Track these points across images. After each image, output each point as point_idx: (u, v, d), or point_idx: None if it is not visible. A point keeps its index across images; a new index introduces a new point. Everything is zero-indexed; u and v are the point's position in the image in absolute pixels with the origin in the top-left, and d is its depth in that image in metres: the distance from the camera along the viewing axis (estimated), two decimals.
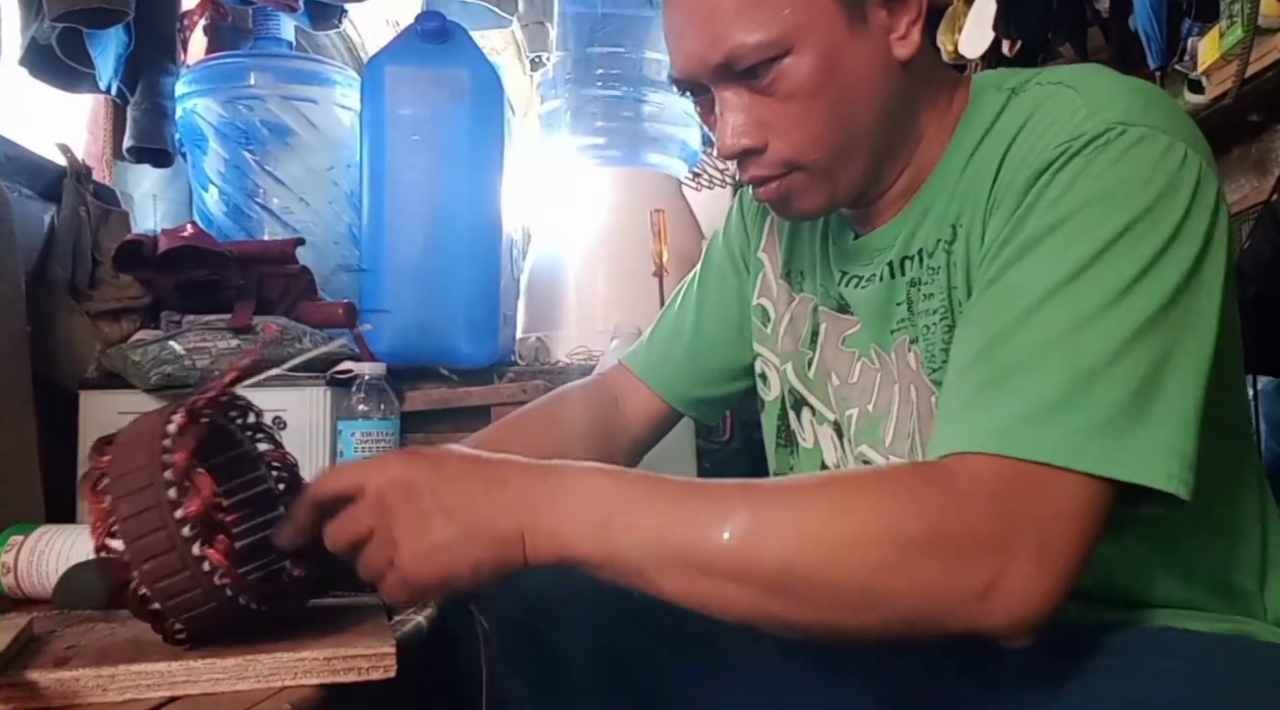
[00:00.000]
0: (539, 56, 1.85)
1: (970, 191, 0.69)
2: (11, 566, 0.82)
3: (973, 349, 0.59)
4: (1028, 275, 0.59)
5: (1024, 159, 0.64)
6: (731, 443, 1.90)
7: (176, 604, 0.56)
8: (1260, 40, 1.57)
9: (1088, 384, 0.54)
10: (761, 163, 0.71)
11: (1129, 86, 0.65)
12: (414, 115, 1.57)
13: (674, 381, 0.96)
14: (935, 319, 0.71)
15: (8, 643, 0.57)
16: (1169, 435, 0.54)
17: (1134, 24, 1.82)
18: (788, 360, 0.86)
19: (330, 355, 1.20)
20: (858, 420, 0.77)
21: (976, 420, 0.56)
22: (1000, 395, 0.56)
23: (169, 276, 1.26)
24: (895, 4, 0.69)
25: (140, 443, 0.58)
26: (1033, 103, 0.67)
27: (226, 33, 1.78)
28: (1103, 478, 0.53)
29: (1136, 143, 0.60)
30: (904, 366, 0.73)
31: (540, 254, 1.93)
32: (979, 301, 0.62)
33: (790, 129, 0.69)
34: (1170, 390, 0.55)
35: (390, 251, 1.57)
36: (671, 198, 1.94)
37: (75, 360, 1.22)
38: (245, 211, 1.64)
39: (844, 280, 0.80)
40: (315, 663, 0.57)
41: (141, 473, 0.56)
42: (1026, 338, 0.57)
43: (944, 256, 0.70)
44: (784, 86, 0.68)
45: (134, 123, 1.50)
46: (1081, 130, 0.61)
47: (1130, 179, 0.59)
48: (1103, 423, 0.54)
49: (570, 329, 1.81)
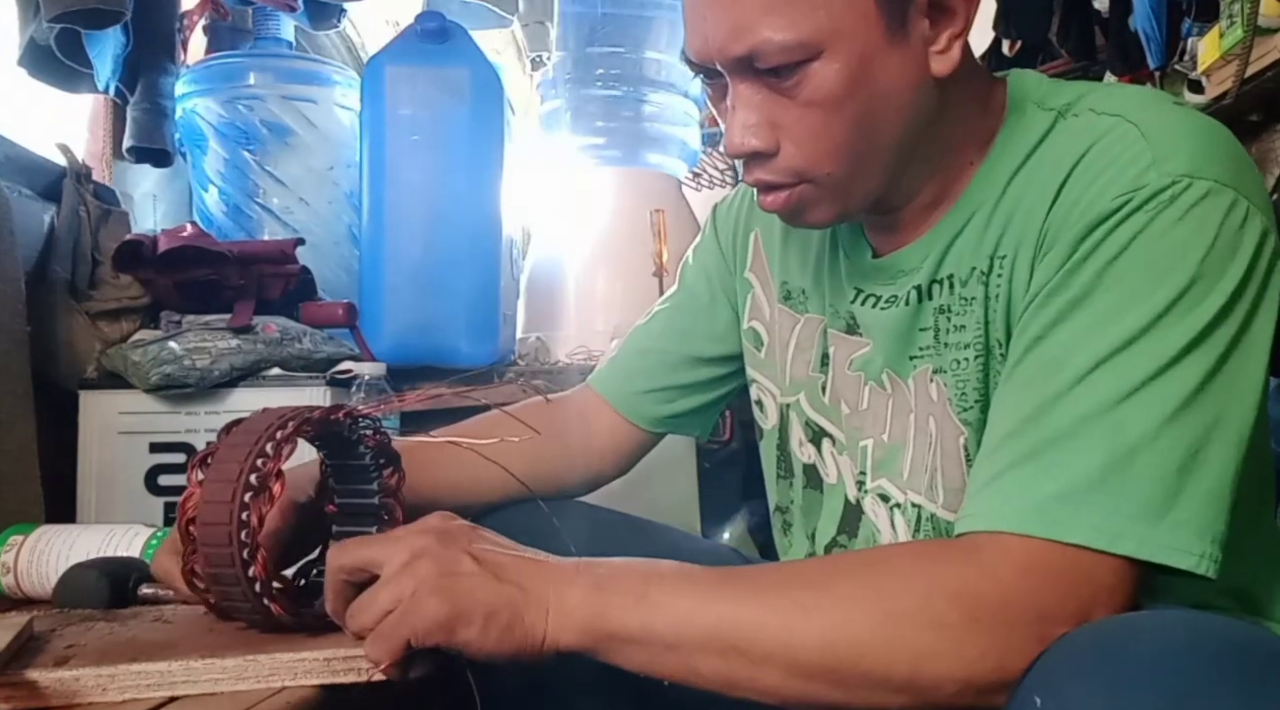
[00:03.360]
0: (539, 56, 1.85)
1: (1014, 221, 0.65)
2: (11, 566, 0.82)
3: (1012, 419, 0.58)
4: (1075, 339, 0.57)
5: (1079, 201, 0.60)
6: (731, 443, 1.90)
7: (227, 606, 0.62)
8: (1260, 40, 1.57)
9: (1128, 462, 0.53)
10: (769, 167, 0.65)
11: (1194, 130, 0.60)
12: (414, 115, 1.57)
13: (637, 402, 0.91)
14: (968, 354, 0.67)
15: (8, 642, 0.56)
16: (1205, 515, 0.53)
17: (1134, 24, 1.82)
18: (800, 389, 0.81)
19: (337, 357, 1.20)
20: (874, 451, 0.74)
21: (1010, 499, 0.55)
22: (1036, 471, 0.55)
23: (169, 276, 1.26)
24: (941, 15, 0.63)
25: (244, 439, 0.61)
26: (1090, 135, 0.62)
27: (226, 33, 1.78)
28: (1138, 561, 0.53)
29: (1200, 200, 0.57)
30: (924, 397, 0.70)
31: (540, 254, 1.93)
32: (1023, 363, 0.60)
33: (807, 137, 0.63)
34: (1211, 464, 0.54)
35: (390, 251, 1.56)
36: (671, 198, 1.94)
37: (75, 360, 1.21)
38: (245, 211, 1.64)
39: (859, 299, 0.74)
40: (315, 663, 0.57)
41: (232, 466, 0.60)
42: (1068, 410, 0.55)
43: (980, 289, 0.66)
44: (807, 91, 0.62)
45: (134, 123, 1.50)
46: (1144, 181, 0.58)
47: (1190, 243, 0.56)
48: (1141, 504, 0.53)
49: (570, 329, 1.81)
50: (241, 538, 0.59)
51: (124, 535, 0.83)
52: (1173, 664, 0.45)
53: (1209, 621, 0.50)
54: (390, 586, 0.55)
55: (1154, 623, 0.49)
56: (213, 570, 0.60)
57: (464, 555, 0.55)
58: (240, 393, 1.21)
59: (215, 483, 0.60)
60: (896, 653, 0.52)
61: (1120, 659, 0.46)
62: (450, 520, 0.58)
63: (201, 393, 1.18)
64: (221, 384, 1.19)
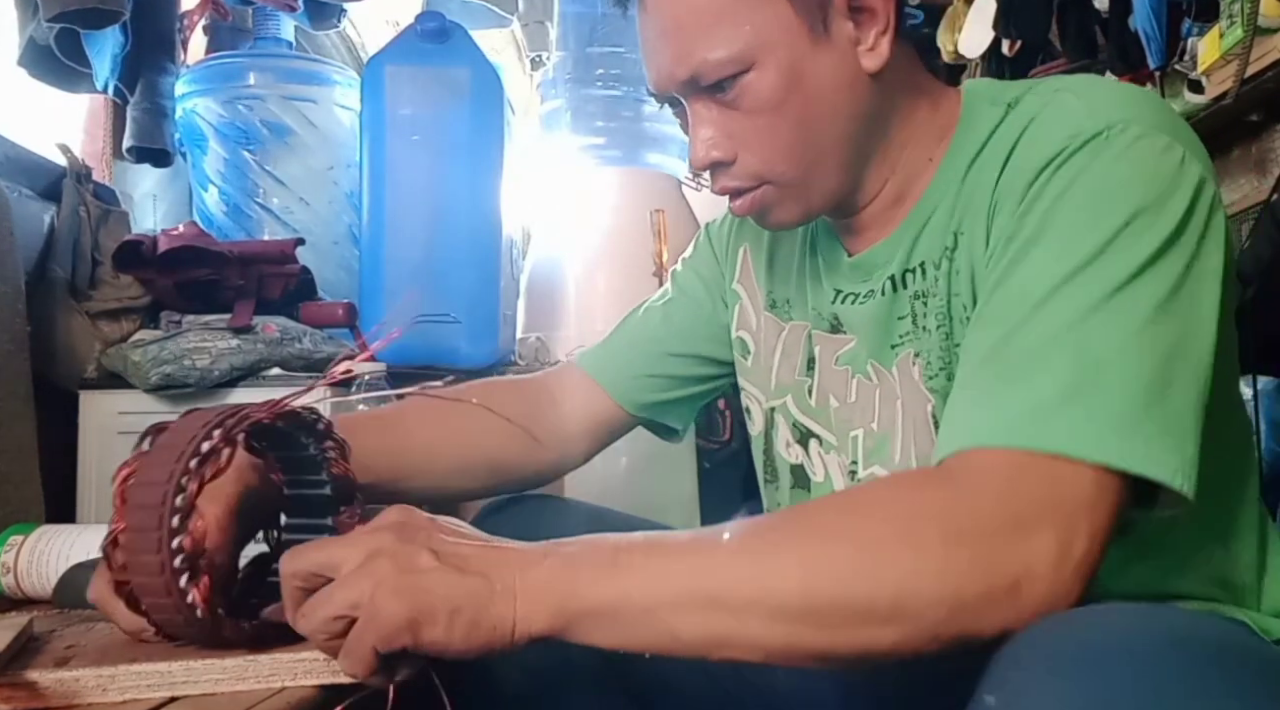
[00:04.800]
0: (539, 56, 1.86)
1: (971, 200, 0.68)
2: (11, 566, 0.82)
3: (980, 350, 0.59)
4: (1032, 272, 0.58)
5: (1025, 160, 0.63)
6: (731, 443, 1.90)
7: (160, 620, 0.57)
8: (1260, 40, 1.57)
9: (1097, 375, 0.54)
10: (731, 174, 0.71)
11: (1128, 90, 0.65)
12: (414, 115, 1.57)
13: (628, 385, 0.91)
14: (934, 326, 0.70)
15: (8, 643, 0.56)
16: (1176, 432, 0.54)
17: (1134, 24, 1.82)
18: (786, 392, 0.83)
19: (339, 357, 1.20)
20: (864, 440, 0.76)
21: (983, 416, 0.56)
22: (1007, 390, 0.55)
23: (169, 276, 1.26)
24: (861, 15, 0.68)
25: (167, 456, 0.56)
26: (1033, 109, 0.66)
27: (226, 33, 1.78)
28: (1115, 470, 0.52)
29: (1136, 140, 0.60)
30: (907, 381, 0.72)
31: (540, 254, 1.93)
32: (986, 304, 0.62)
33: (757, 142, 0.69)
34: (1176, 386, 0.55)
35: (390, 251, 1.57)
36: (671, 198, 1.94)
37: (75, 360, 1.22)
38: (245, 211, 1.64)
39: (838, 299, 0.78)
40: (315, 663, 0.57)
41: (156, 488, 0.55)
42: (1032, 332, 0.56)
43: (946, 264, 0.69)
44: (748, 101, 0.68)
45: (134, 123, 1.50)
46: (1081, 128, 0.61)
47: (1131, 176, 0.59)
48: (1114, 414, 0.53)
49: (570, 329, 1.81)
50: (174, 566, 0.55)
51: None
52: (1117, 656, 0.45)
53: (1160, 613, 0.50)
54: (345, 588, 0.52)
55: (1104, 617, 0.48)
56: (149, 601, 0.56)
57: (423, 550, 0.52)
58: (240, 393, 1.21)
59: (139, 509, 0.55)
60: (878, 579, 0.51)
61: (1069, 651, 0.46)
62: (409, 514, 0.56)
63: (201, 393, 1.18)
64: (221, 384, 1.19)
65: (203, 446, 0.56)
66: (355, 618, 0.51)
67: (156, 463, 0.56)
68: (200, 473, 0.56)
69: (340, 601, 0.51)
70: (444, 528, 0.55)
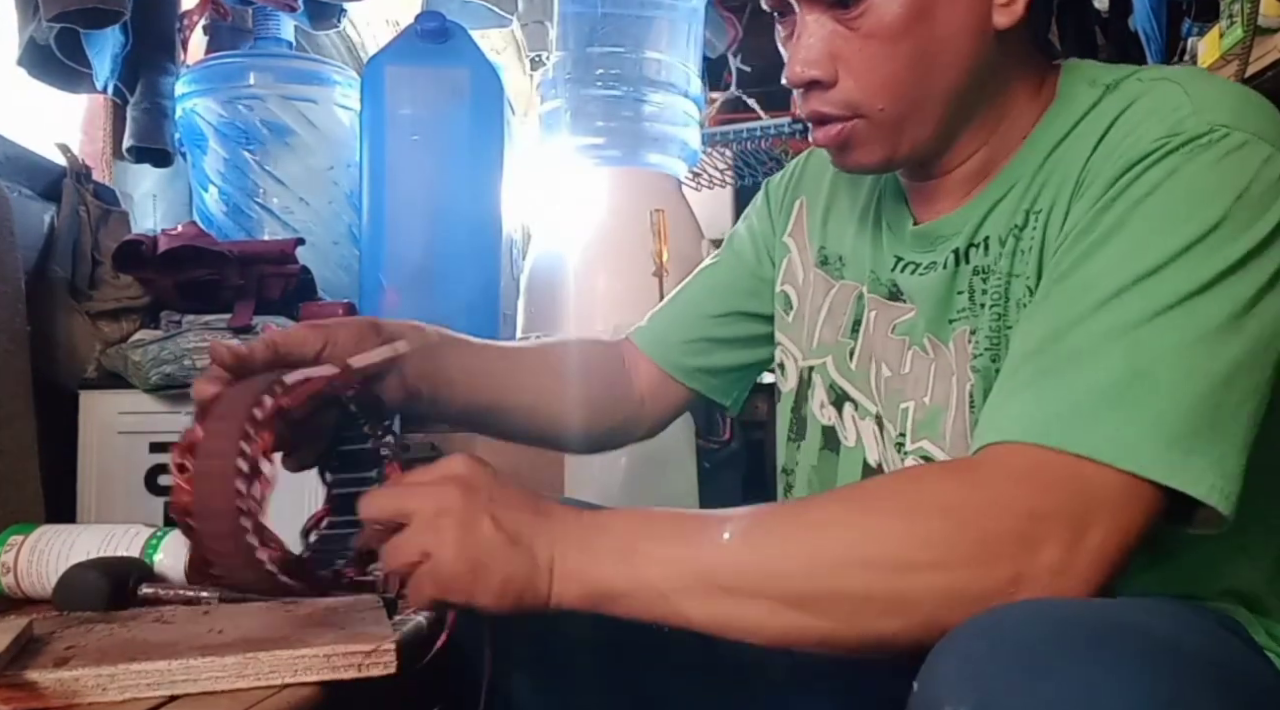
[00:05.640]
0: (539, 56, 1.86)
1: (1052, 179, 0.66)
2: (11, 566, 0.82)
3: (1030, 341, 0.58)
4: (1099, 269, 0.57)
5: (1118, 147, 0.61)
6: (731, 442, 1.90)
7: (231, 580, 0.62)
8: (1260, 40, 1.57)
9: (1145, 381, 0.52)
10: (826, 98, 0.67)
11: (1236, 90, 0.62)
12: (414, 115, 1.57)
13: (672, 351, 0.93)
14: (988, 305, 0.68)
15: (8, 643, 0.56)
16: (1221, 448, 0.52)
17: (1134, 24, 1.82)
18: (826, 353, 0.81)
19: None
20: (915, 413, 0.74)
21: (1020, 411, 0.55)
22: (1049, 386, 0.55)
23: (169, 276, 1.26)
24: None
25: (230, 426, 0.60)
26: (1132, 94, 0.64)
27: (226, 33, 1.78)
28: (1145, 479, 0.51)
29: (1238, 148, 0.57)
30: (962, 358, 0.70)
31: (540, 254, 1.93)
32: (1046, 296, 0.60)
33: (864, 69, 0.65)
34: (1230, 404, 0.53)
35: (390, 251, 1.57)
36: (671, 198, 1.94)
37: (75, 360, 1.22)
38: (245, 211, 1.64)
39: (898, 266, 0.75)
40: (315, 660, 0.57)
41: (222, 459, 0.59)
42: (1086, 330, 0.55)
43: (1013, 242, 0.67)
44: (869, 23, 0.64)
45: (134, 123, 1.50)
46: (1183, 127, 0.58)
47: (1224, 185, 0.56)
48: (1153, 424, 0.52)
49: (570, 329, 1.81)
50: (243, 525, 0.58)
51: (124, 535, 0.83)
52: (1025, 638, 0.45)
53: (1106, 606, 0.50)
54: (418, 537, 0.57)
55: (1036, 607, 0.48)
56: (221, 565, 0.60)
57: (484, 516, 0.56)
58: None
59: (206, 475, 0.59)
60: (877, 570, 0.52)
61: (987, 638, 0.46)
62: (473, 469, 0.59)
63: None
64: None
65: (256, 412, 0.60)
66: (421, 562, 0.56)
67: (218, 434, 0.60)
68: (263, 433, 0.60)
69: (413, 551, 0.56)
70: (501, 487, 0.59)
